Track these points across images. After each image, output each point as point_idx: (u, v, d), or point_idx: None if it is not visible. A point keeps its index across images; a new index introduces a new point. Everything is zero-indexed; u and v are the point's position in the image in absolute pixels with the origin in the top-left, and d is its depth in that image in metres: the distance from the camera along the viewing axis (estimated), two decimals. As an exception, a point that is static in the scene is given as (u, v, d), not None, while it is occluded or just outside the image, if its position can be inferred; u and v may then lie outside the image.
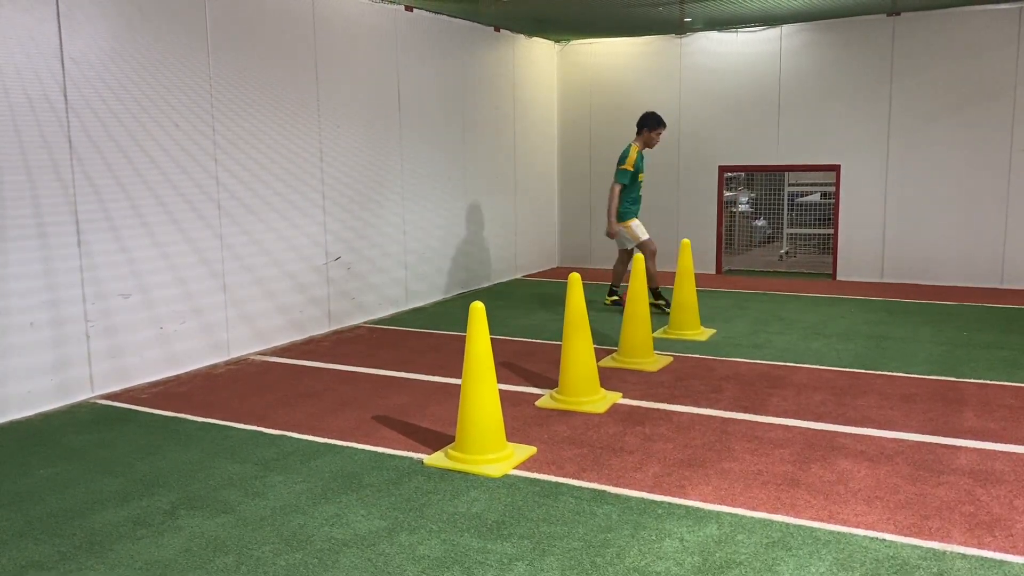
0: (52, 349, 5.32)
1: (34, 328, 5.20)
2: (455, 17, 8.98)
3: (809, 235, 11.47)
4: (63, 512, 3.82)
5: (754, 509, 3.71)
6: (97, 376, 5.59)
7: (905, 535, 3.44)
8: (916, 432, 4.66)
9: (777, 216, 11.49)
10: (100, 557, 3.39)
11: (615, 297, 8.35)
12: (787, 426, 4.80)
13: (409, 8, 8.25)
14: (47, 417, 5.20)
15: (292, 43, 6.97)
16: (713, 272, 10.43)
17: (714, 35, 10.16)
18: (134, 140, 5.72)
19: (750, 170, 10.71)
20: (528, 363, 6.30)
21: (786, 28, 9.77)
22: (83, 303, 5.47)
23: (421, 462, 4.35)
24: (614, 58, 10.81)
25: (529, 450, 4.44)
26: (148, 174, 5.83)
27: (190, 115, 6.10)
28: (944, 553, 3.29)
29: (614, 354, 6.27)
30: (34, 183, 5.16)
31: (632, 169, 7.81)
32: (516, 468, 4.23)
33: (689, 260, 6.94)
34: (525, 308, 8.47)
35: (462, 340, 4.65)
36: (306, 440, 4.72)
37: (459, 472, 4.20)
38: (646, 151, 8.13)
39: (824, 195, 11.02)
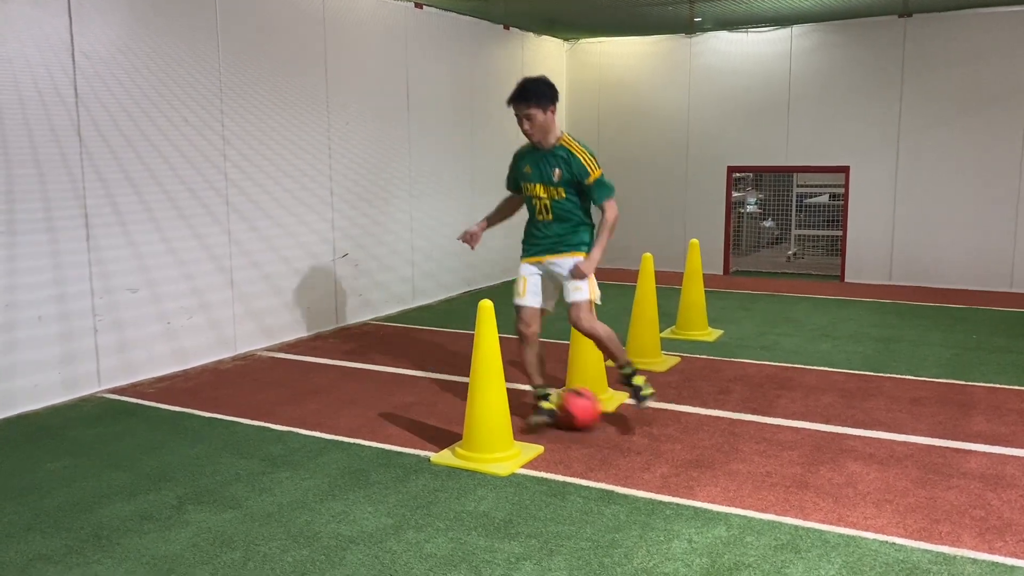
0: (60, 343, 5.32)
1: (42, 322, 5.21)
2: (465, 15, 8.97)
3: (817, 236, 11.44)
4: (70, 506, 3.82)
5: (763, 511, 3.69)
6: (104, 370, 5.59)
7: (915, 539, 3.42)
8: (926, 435, 4.63)
9: (785, 217, 11.46)
10: (107, 551, 3.39)
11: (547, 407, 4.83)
12: (796, 428, 4.78)
13: (419, 5, 8.24)
14: (54, 411, 5.20)
15: (302, 39, 6.96)
16: (721, 273, 10.40)
17: (724, 35, 10.12)
18: (143, 135, 5.72)
19: (759, 171, 10.68)
20: (535, 362, 6.28)
21: (796, 28, 9.74)
22: (91, 297, 5.47)
23: (428, 460, 4.34)
24: (623, 58, 10.79)
25: (536, 449, 4.43)
26: (157, 169, 5.83)
27: (199, 110, 6.09)
28: (955, 557, 3.27)
29: (621, 354, 6.24)
30: (44, 177, 5.16)
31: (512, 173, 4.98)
32: (523, 467, 4.22)
33: (697, 260, 6.92)
34: (532, 307, 8.44)
35: (469, 338, 4.64)
36: (313, 436, 4.71)
37: (466, 470, 4.19)
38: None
39: (833, 196, 10.98)
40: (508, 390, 4.35)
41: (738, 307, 8.35)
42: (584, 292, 4.64)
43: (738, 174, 10.63)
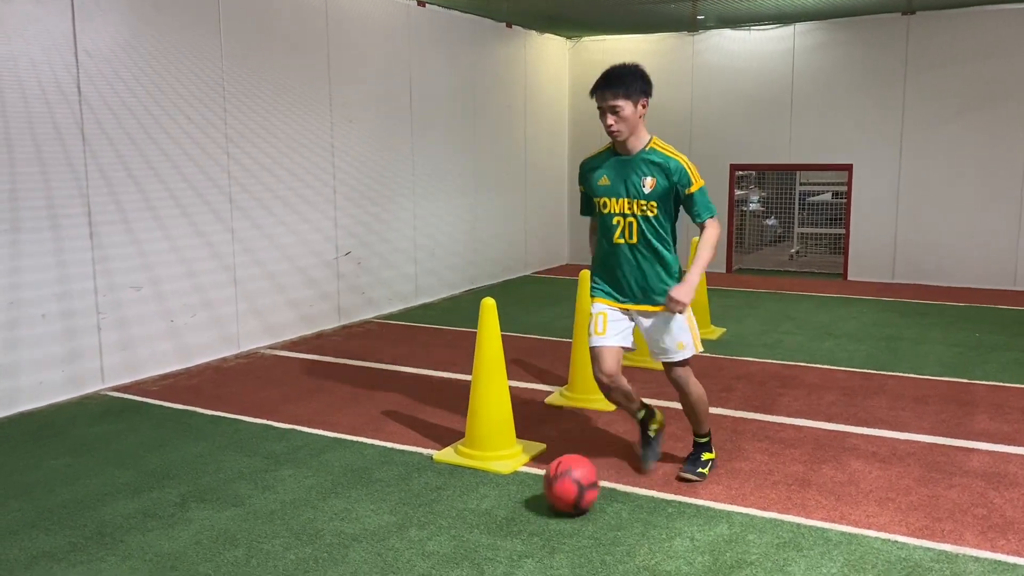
0: (63, 341, 5.33)
1: (46, 320, 5.22)
2: (467, 12, 8.97)
3: (820, 235, 11.43)
4: (74, 503, 3.83)
5: (765, 509, 3.69)
6: (108, 368, 5.60)
7: (917, 537, 3.42)
8: (928, 434, 4.63)
9: (788, 215, 11.45)
10: (111, 548, 3.40)
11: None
12: (798, 426, 4.78)
13: (422, 3, 8.24)
14: (58, 408, 5.22)
15: (305, 37, 6.97)
16: (723, 271, 10.40)
17: (727, 33, 10.12)
18: (146, 133, 5.73)
19: (761, 169, 10.67)
20: (538, 360, 6.29)
21: (800, 26, 9.73)
22: (95, 295, 5.48)
23: (431, 458, 4.34)
24: (626, 55, 10.67)
25: (539, 447, 4.43)
26: (160, 167, 5.84)
27: (202, 108, 6.10)
28: (957, 556, 3.27)
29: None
30: (47, 175, 5.17)
31: (584, 189, 4.06)
32: (526, 465, 4.22)
33: (700, 258, 6.91)
34: (535, 305, 8.45)
35: (472, 336, 4.64)
36: (316, 434, 4.72)
37: (469, 468, 4.19)
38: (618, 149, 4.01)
39: (835, 194, 10.97)
40: (510, 388, 4.35)
41: (741, 305, 8.35)
42: (689, 348, 3.89)
43: (741, 172, 10.62)
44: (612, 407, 5.07)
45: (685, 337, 3.89)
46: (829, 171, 10.35)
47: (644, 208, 3.81)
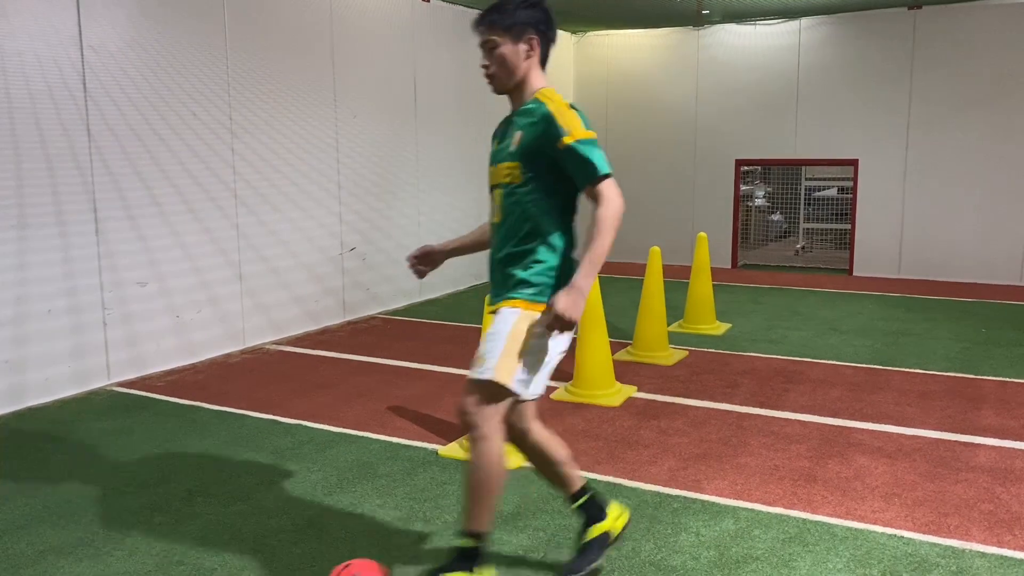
0: (70, 336, 5.35)
1: (52, 315, 5.23)
2: (471, 7, 8.95)
3: (826, 230, 11.41)
4: (80, 498, 3.84)
5: (771, 504, 3.69)
6: (114, 364, 5.62)
7: (923, 532, 3.42)
8: (934, 429, 4.62)
9: (794, 211, 11.42)
10: (117, 543, 3.41)
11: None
12: (804, 421, 4.77)
13: (426, -1, 8.24)
14: (64, 404, 5.23)
15: (309, 32, 6.96)
16: (729, 266, 10.38)
17: (732, 27, 10.09)
18: (152, 129, 5.73)
19: (767, 164, 10.65)
20: (543, 355, 6.28)
21: (805, 21, 9.70)
22: (100, 291, 5.49)
23: (436, 453, 4.35)
24: (631, 50, 10.76)
25: (544, 442, 4.42)
26: (165, 163, 5.85)
27: (207, 104, 6.11)
28: (963, 551, 3.26)
29: (629, 347, 6.25)
30: (53, 171, 5.18)
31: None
32: (531, 460, 4.22)
33: (705, 254, 6.91)
34: (539, 300, 8.44)
35: (476, 332, 4.64)
36: (321, 429, 4.73)
37: (474, 463, 4.19)
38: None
39: (841, 190, 10.95)
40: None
41: (746, 301, 8.34)
42: (488, 365, 2.64)
43: (746, 167, 10.60)
44: (617, 403, 5.07)
45: (492, 347, 2.65)
46: (835, 166, 10.33)
47: (508, 173, 2.73)
